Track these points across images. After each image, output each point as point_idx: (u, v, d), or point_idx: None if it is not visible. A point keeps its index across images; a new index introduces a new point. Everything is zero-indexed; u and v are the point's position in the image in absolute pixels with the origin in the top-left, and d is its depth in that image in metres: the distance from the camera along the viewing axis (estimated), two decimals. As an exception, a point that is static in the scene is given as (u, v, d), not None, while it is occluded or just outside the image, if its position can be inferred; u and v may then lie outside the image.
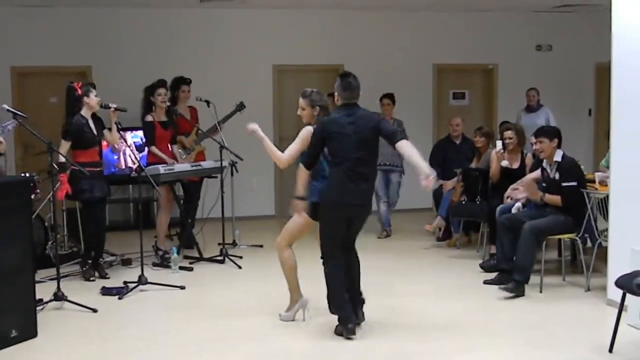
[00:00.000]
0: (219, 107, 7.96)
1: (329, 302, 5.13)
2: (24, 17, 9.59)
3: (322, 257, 5.13)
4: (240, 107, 8.26)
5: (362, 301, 5.27)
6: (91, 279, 6.78)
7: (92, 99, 6.65)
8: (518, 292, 6.06)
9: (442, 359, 4.73)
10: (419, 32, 10.78)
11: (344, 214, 4.99)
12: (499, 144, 7.53)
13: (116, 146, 7.48)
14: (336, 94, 5.12)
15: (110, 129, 6.87)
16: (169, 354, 4.89)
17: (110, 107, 6.65)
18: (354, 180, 4.92)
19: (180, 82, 8.17)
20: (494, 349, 4.89)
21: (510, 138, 7.44)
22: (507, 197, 6.95)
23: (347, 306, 5.04)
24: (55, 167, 6.19)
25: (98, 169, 6.76)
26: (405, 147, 4.88)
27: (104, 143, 7.20)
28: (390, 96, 8.88)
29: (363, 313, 5.24)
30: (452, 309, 5.84)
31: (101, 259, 7.06)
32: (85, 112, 6.66)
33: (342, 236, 5.07)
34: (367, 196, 5.09)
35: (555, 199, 6.31)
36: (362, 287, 5.29)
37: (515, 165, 7.44)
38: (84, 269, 6.88)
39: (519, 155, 7.50)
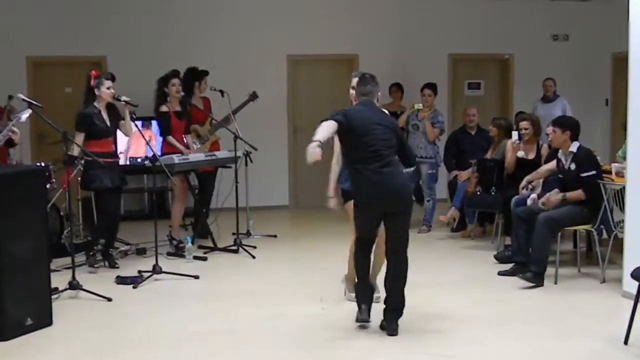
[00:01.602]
0: (233, 97, 7.96)
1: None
2: (40, 7, 9.63)
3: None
4: (253, 97, 8.25)
5: (398, 313, 4.98)
6: (95, 266, 6.77)
7: (103, 91, 6.63)
8: (537, 282, 6.05)
9: (456, 349, 4.70)
10: (435, 22, 10.72)
11: (377, 208, 4.89)
12: (514, 134, 7.48)
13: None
14: (353, 93, 5.08)
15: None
16: (182, 343, 4.90)
17: (120, 100, 6.65)
18: (380, 173, 4.81)
19: (203, 73, 8.15)
20: (507, 340, 4.87)
21: (526, 128, 7.39)
22: (523, 188, 6.91)
23: (366, 290, 5.04)
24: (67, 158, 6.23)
25: (112, 160, 6.76)
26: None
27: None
28: (431, 86, 8.66)
29: (397, 326, 4.94)
30: (466, 299, 5.83)
31: (112, 249, 7.08)
32: (98, 103, 6.68)
33: (375, 225, 4.98)
34: (397, 188, 4.88)
35: (578, 194, 6.23)
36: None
37: (531, 156, 7.39)
38: (90, 254, 6.86)
39: (535, 145, 7.45)
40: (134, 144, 8.91)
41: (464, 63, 11.06)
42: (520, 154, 7.39)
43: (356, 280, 5.17)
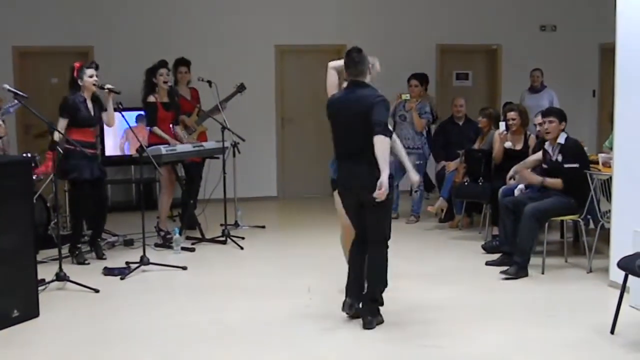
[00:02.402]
0: (220, 87, 7.93)
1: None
2: (25, -3, 9.56)
3: None
4: (241, 88, 8.23)
5: (372, 305, 4.94)
6: (86, 262, 6.69)
7: (86, 80, 6.57)
8: (519, 275, 6.07)
9: (443, 340, 4.71)
10: (423, 12, 10.71)
11: (349, 195, 4.93)
12: (502, 125, 7.49)
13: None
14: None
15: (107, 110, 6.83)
16: (170, 334, 4.89)
17: (104, 88, 6.61)
18: (347, 162, 4.84)
19: (178, 63, 8.16)
20: (495, 330, 4.89)
21: (513, 119, 7.40)
22: (510, 179, 6.93)
23: (354, 286, 4.97)
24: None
25: (92, 150, 6.65)
26: (376, 143, 4.57)
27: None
28: (418, 77, 8.66)
29: (370, 320, 4.88)
30: (453, 290, 5.84)
31: (99, 240, 7.04)
32: (83, 93, 6.63)
33: (357, 218, 4.95)
34: (364, 180, 4.72)
35: (556, 182, 6.28)
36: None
37: (519, 147, 7.40)
38: (75, 253, 6.73)
39: (522, 136, 7.46)
40: (132, 141, 8.89)
41: (452, 54, 11.06)
42: (508, 144, 7.40)
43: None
